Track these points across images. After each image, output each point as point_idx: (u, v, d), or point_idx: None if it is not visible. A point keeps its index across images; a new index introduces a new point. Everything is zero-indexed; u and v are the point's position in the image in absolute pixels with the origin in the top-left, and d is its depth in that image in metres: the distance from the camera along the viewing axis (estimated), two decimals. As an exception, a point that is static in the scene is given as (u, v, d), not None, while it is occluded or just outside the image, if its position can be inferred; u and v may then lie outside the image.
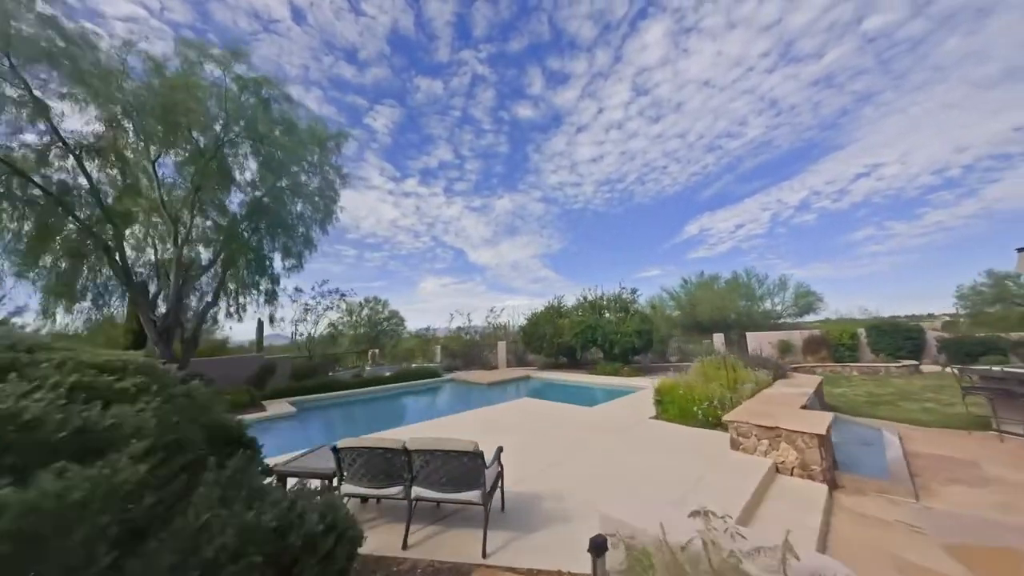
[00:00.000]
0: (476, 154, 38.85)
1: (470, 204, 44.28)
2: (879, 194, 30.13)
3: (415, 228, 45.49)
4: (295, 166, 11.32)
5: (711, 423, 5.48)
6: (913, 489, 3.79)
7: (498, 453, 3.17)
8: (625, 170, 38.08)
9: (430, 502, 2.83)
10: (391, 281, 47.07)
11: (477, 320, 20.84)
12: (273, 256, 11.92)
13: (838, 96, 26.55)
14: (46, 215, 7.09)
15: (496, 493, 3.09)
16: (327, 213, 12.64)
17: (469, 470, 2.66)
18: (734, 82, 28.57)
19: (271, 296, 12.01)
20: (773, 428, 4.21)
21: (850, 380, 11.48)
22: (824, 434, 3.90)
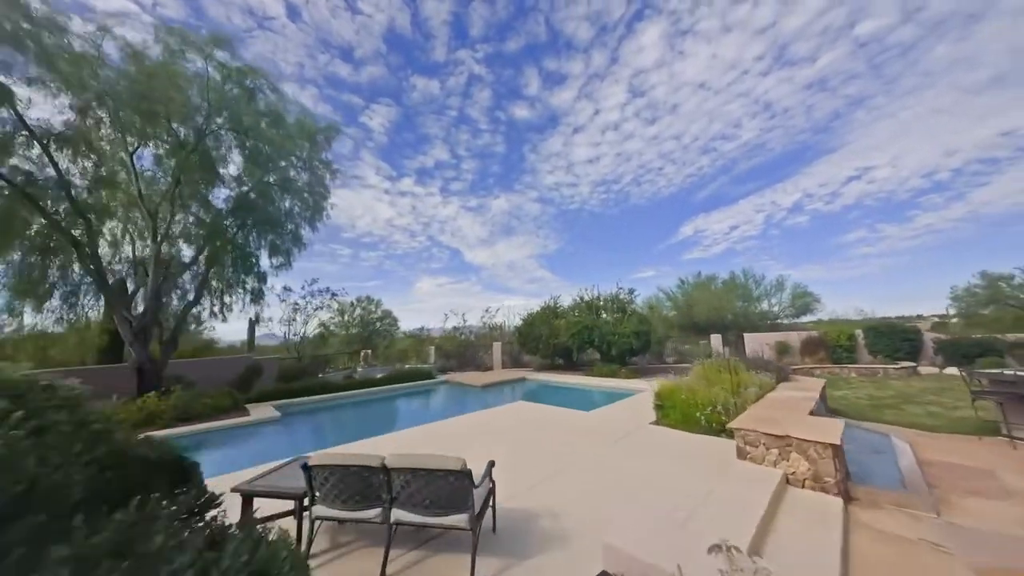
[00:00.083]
0: (472, 154, 38.59)
1: (466, 204, 43.96)
2: (870, 197, 30.63)
3: (411, 228, 45.04)
4: (283, 160, 10.93)
5: (715, 429, 5.23)
6: (933, 503, 3.56)
7: (489, 468, 2.87)
8: (621, 171, 38.06)
9: (412, 526, 2.52)
10: (386, 281, 46.52)
11: (472, 320, 20.53)
12: (260, 254, 11.52)
13: (831, 100, 27.04)
14: (8, 208, 6.66)
15: (487, 513, 2.79)
16: (317, 210, 12.25)
17: (455, 491, 2.36)
18: (729, 85, 28.90)
19: (257, 295, 11.60)
20: (783, 437, 3.95)
21: (849, 382, 11.34)
22: (838, 444, 3.65)
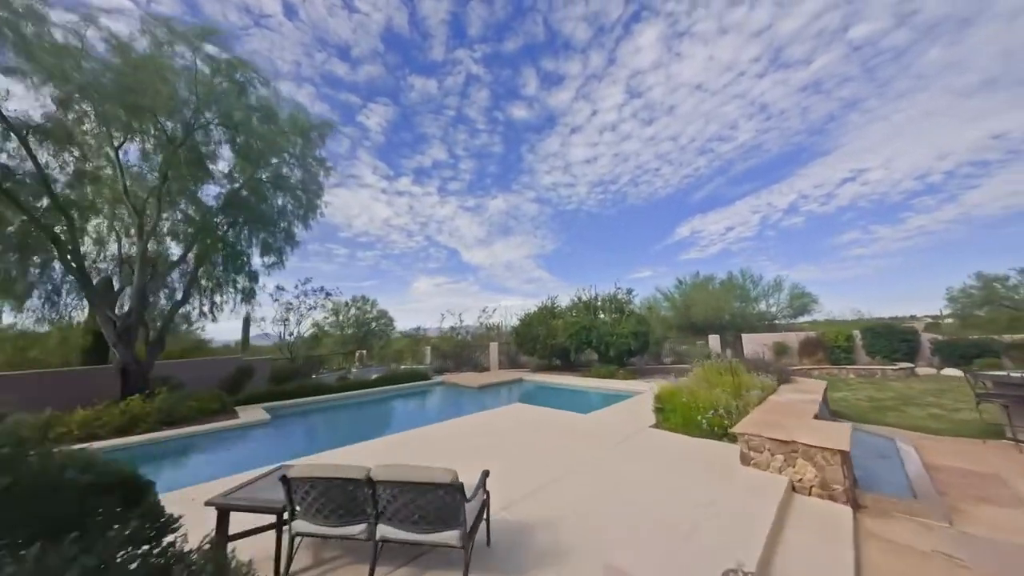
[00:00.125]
0: (470, 154, 38.37)
1: (464, 204, 43.70)
2: (864, 198, 30.93)
3: (408, 227, 44.71)
4: (275, 157, 10.69)
5: (717, 433, 5.09)
6: (945, 511, 3.43)
7: (483, 479, 2.70)
8: (618, 172, 38.02)
9: (399, 543, 2.34)
10: (383, 280, 46.14)
11: (469, 320, 20.34)
12: (251, 252, 11.28)
13: (825, 102, 27.30)
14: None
15: (481, 526, 2.62)
16: (310, 208, 12.02)
17: (446, 506, 2.19)
18: (725, 86, 29.05)
19: (249, 294, 11.35)
20: (789, 442, 3.81)
21: (848, 383, 11.27)
22: (847, 450, 3.51)
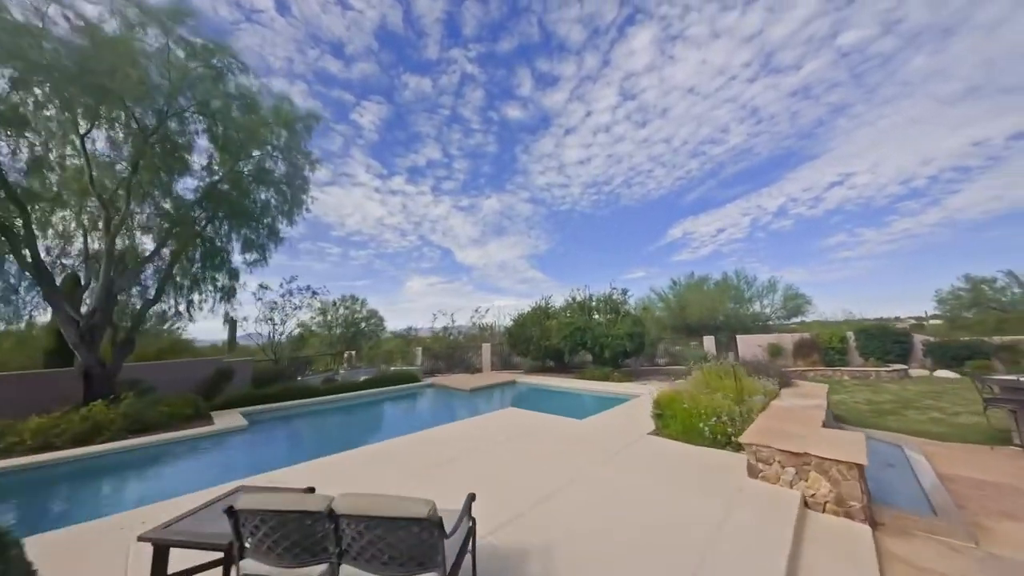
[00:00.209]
0: (464, 153, 37.97)
1: (458, 203, 43.26)
2: (851, 202, 31.73)
3: (401, 227, 44.11)
4: (257, 149, 10.19)
5: (720, 442, 4.82)
6: (969, 529, 3.18)
7: (468, 504, 2.36)
8: (612, 173, 38.01)
9: (368, 583, 1.99)
10: (376, 280, 45.48)
11: (462, 320, 19.95)
12: (231, 249, 10.76)
13: (814, 107, 27.95)
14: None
15: (465, 559, 2.28)
16: (295, 203, 11.51)
17: (422, 543, 1.84)
18: (717, 90, 29.53)
19: (229, 293, 10.82)
20: (801, 455, 3.54)
21: (844, 385, 11.17)
22: (864, 463, 3.25)
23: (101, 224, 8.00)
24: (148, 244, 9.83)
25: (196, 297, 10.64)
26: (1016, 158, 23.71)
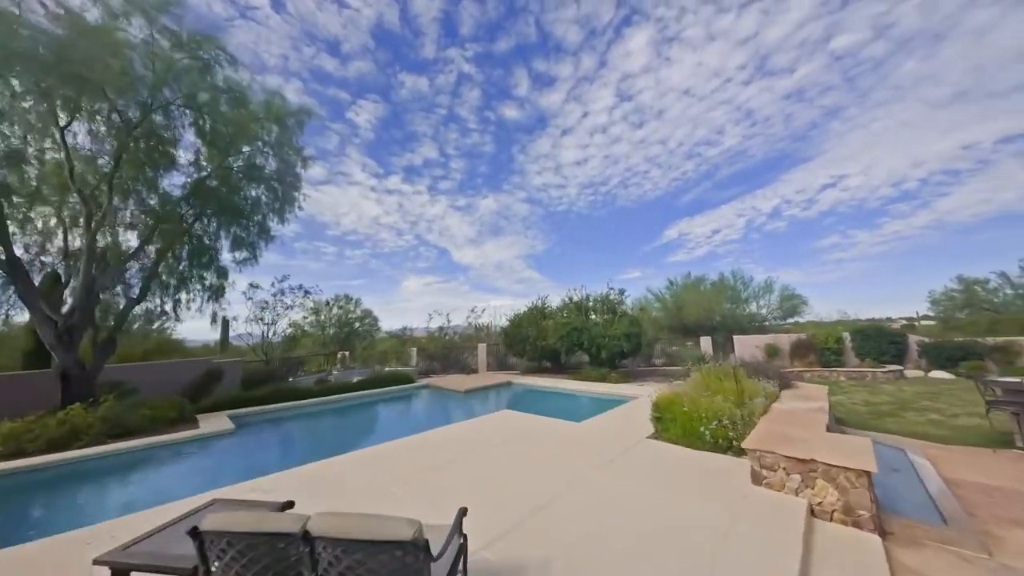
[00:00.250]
0: (461, 153, 37.68)
1: (454, 203, 42.92)
2: (844, 204, 31.99)
3: (398, 226, 43.66)
4: (247, 144, 9.93)
5: (721, 446, 4.69)
6: (980, 539, 3.07)
7: (459, 520, 2.19)
8: (608, 174, 37.94)
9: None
10: (372, 279, 44.98)
11: (458, 320, 19.76)
12: (220, 246, 10.50)
13: (808, 110, 28.07)
14: None
15: (455, 579, 2.11)
16: (287, 200, 11.27)
17: (406, 567, 1.67)
18: (713, 92, 29.50)
19: (217, 292, 10.55)
20: (807, 461, 3.41)
21: (841, 386, 11.13)
22: (874, 471, 3.12)
23: (82, 220, 7.72)
24: (133, 241, 9.55)
25: (183, 296, 10.38)
26: (1004, 161, 24.16)
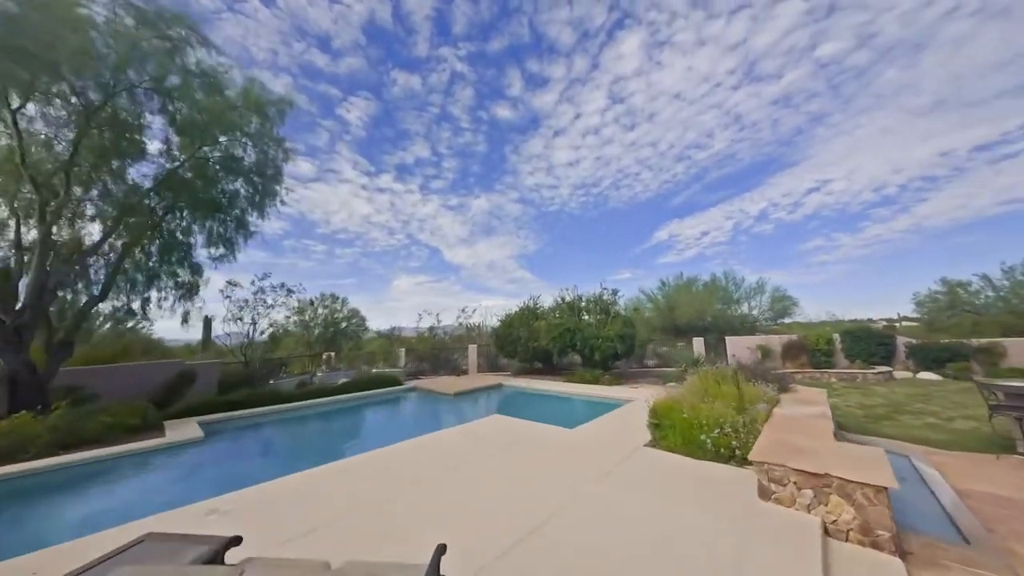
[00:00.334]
0: (453, 152, 37.20)
1: (446, 203, 42.39)
2: (828, 208, 32.99)
3: (389, 225, 42.93)
4: (224, 134, 9.37)
5: (723, 455, 4.43)
6: (1006, 559, 2.84)
7: (437, 560, 1.84)
8: (600, 175, 38.03)
9: None
10: (363, 278, 44.16)
11: (448, 320, 19.33)
12: (194, 242, 9.92)
13: (794, 115, 28.79)
14: None
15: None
16: (267, 194, 10.73)
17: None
18: (703, 96, 29.98)
19: (191, 290, 9.96)
20: (821, 476, 3.15)
21: (833, 388, 11.08)
22: (895, 487, 2.87)
23: (36, 211, 7.10)
24: (98, 236, 8.92)
25: (154, 294, 9.77)
26: (979, 169, 25.23)
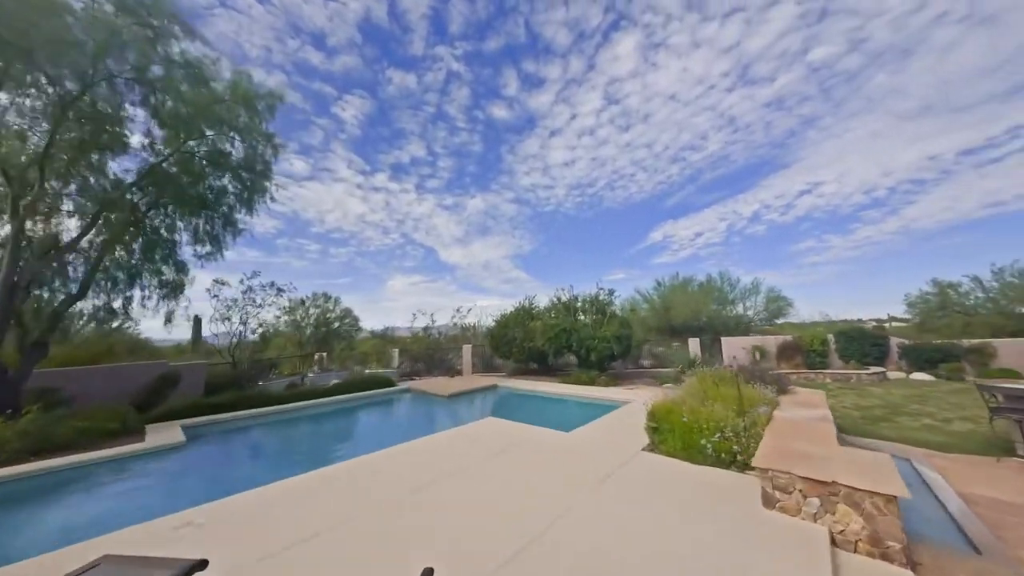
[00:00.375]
0: (449, 152, 37.01)
1: (442, 202, 42.17)
2: (819, 210, 33.66)
3: (384, 224, 42.60)
4: (210, 128, 9.08)
5: (724, 461, 4.30)
6: (1019, 570, 2.73)
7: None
8: (595, 175, 38.15)
9: None
10: (358, 278, 43.76)
11: (443, 319, 19.12)
12: (179, 239, 9.61)
13: (786, 118, 29.21)
14: None
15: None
16: (256, 190, 10.45)
17: None
18: (697, 98, 30.32)
19: (175, 288, 9.65)
20: (828, 484, 3.02)
21: (829, 389, 11.05)
22: (908, 496, 2.75)
23: (8, 205, 6.78)
24: (77, 231, 8.58)
25: (137, 293, 9.44)
26: (964, 172, 25.82)
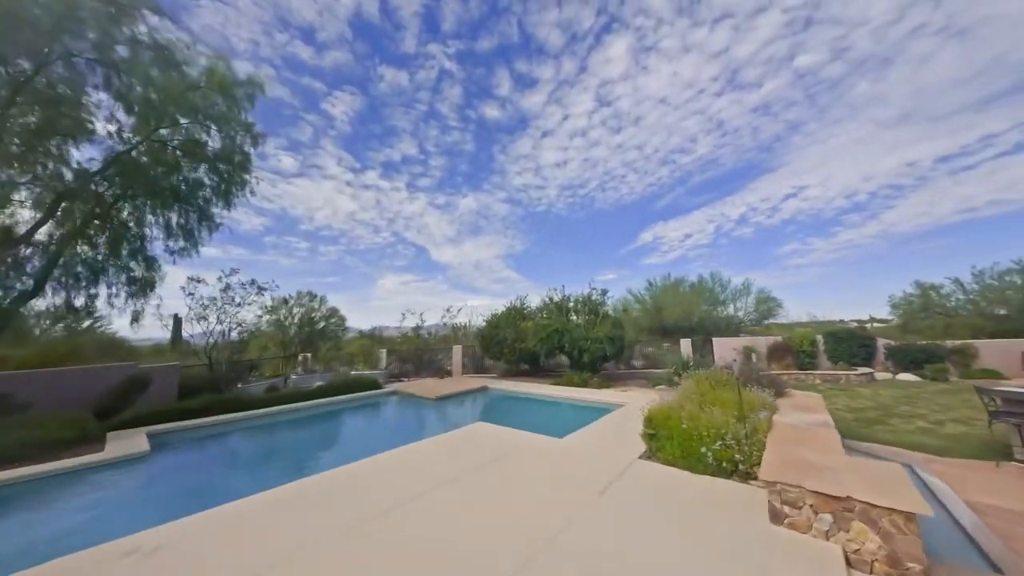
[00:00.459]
0: (441, 150, 36.66)
1: (433, 201, 41.77)
2: (803, 213, 35.05)
3: (375, 222, 42.00)
4: (184, 116, 8.55)
5: (725, 470, 4.08)
6: (1044, 592, 2.56)
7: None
8: (587, 176, 38.37)
9: None
10: (347, 277, 43.10)
11: (433, 319, 18.71)
12: (151, 233, 9.06)
13: (773, 123, 30.23)
14: None
15: None
16: (234, 183, 9.93)
17: None
18: (687, 102, 31.14)
19: (145, 286, 9.09)
20: (842, 499, 2.81)
21: (819, 390, 11.05)
22: (930, 513, 2.54)
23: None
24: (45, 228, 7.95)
25: (104, 290, 8.86)
26: (940, 179, 26.77)
